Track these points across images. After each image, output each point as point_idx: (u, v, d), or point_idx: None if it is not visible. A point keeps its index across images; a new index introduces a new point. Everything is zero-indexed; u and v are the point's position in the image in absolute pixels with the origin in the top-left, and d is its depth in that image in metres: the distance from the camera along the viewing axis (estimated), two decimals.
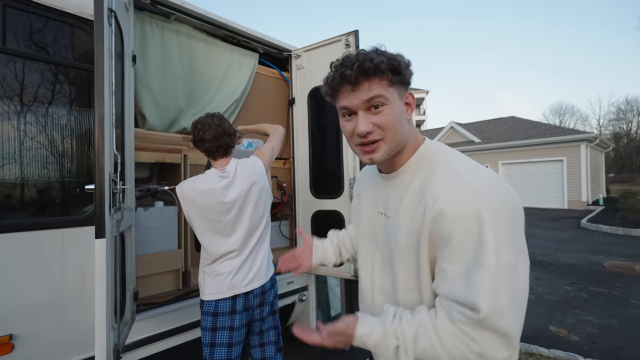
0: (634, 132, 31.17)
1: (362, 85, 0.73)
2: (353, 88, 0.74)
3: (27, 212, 1.59)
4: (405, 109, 0.78)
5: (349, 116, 0.78)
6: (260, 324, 1.70)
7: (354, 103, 0.75)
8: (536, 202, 14.20)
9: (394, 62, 0.72)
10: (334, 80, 0.76)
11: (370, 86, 0.73)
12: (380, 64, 0.71)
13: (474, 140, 16.44)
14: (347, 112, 0.78)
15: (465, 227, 0.64)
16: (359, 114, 0.75)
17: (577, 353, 2.78)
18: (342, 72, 0.73)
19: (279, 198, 2.76)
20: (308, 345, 0.82)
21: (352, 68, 0.72)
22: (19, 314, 1.49)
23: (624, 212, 9.92)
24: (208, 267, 1.62)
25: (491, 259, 0.61)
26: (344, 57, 0.76)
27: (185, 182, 1.60)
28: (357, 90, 0.74)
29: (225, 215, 1.57)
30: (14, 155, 1.54)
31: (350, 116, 0.78)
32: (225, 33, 2.52)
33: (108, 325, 1.25)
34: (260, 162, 1.74)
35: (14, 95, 1.54)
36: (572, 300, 4.14)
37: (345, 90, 0.75)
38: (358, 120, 0.75)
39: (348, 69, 0.72)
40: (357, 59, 0.72)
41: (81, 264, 1.66)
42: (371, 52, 0.74)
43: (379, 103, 0.73)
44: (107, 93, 1.28)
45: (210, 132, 1.56)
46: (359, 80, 0.72)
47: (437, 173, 0.74)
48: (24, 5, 1.55)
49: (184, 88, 2.35)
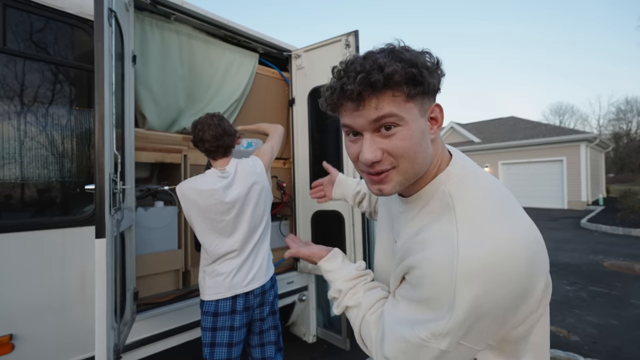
0: (634, 132, 31.18)
1: (368, 103, 0.56)
2: (357, 106, 0.57)
3: (27, 212, 1.59)
4: (428, 127, 0.61)
5: (354, 136, 0.62)
6: (261, 324, 1.70)
7: (358, 123, 0.58)
8: (536, 202, 14.20)
9: (413, 70, 0.54)
10: (333, 93, 0.59)
11: (379, 104, 0.55)
12: (392, 75, 0.53)
13: (474, 140, 16.44)
14: (352, 132, 0.62)
15: (435, 294, 0.53)
16: (365, 136, 0.59)
17: (577, 353, 2.78)
18: (342, 85, 0.56)
19: (279, 198, 2.76)
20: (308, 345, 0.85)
21: (355, 81, 0.54)
22: (19, 313, 1.50)
23: (624, 212, 9.93)
24: (208, 267, 1.62)
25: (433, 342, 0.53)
26: (347, 61, 0.59)
27: (185, 182, 1.60)
28: (363, 107, 0.57)
29: (225, 216, 1.57)
30: (14, 155, 1.55)
31: (355, 136, 0.62)
32: (225, 33, 2.52)
33: (108, 325, 1.25)
34: (260, 162, 1.74)
35: (14, 95, 1.54)
36: (572, 300, 4.14)
37: (348, 107, 0.59)
38: (363, 144, 0.59)
39: (350, 83, 0.55)
40: (363, 67, 0.54)
41: (81, 264, 1.66)
42: (382, 56, 0.55)
43: (392, 124, 0.56)
44: (107, 93, 1.28)
45: (210, 132, 1.56)
46: (363, 96, 0.55)
47: (439, 223, 0.58)
48: (24, 5, 1.55)
49: (184, 88, 2.35)
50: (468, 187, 0.60)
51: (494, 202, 0.57)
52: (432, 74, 0.57)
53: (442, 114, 0.62)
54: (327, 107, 0.63)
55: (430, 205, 0.62)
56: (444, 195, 0.60)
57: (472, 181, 0.61)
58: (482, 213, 0.55)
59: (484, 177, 0.62)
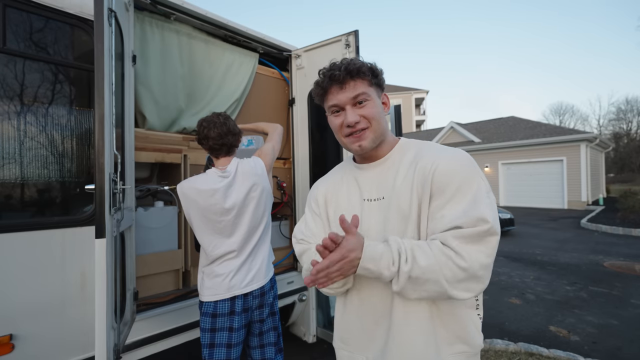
0: (634, 132, 31.15)
1: (348, 84, 0.87)
2: (341, 87, 0.87)
3: (27, 212, 1.59)
4: (382, 107, 0.93)
5: (337, 112, 0.91)
6: (260, 326, 1.70)
7: (342, 100, 0.88)
8: (536, 202, 14.20)
9: (372, 67, 0.89)
10: (324, 81, 0.89)
11: (356, 85, 0.87)
12: (362, 67, 0.87)
13: (474, 140, 16.43)
14: (336, 109, 0.90)
15: (462, 176, 0.81)
16: (347, 108, 0.88)
17: (577, 353, 2.78)
18: (331, 74, 0.86)
19: (279, 198, 2.76)
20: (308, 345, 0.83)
21: (340, 70, 0.85)
22: (20, 313, 1.49)
23: (624, 212, 9.93)
24: (207, 267, 1.62)
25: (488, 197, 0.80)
26: (330, 64, 0.89)
27: (186, 182, 1.60)
28: (344, 88, 0.87)
29: (224, 216, 1.57)
30: (14, 155, 1.54)
31: (338, 112, 0.90)
32: (225, 33, 2.52)
33: (108, 325, 1.25)
34: (262, 163, 1.74)
35: (14, 95, 1.54)
36: (572, 300, 4.14)
37: (334, 89, 0.88)
38: (346, 113, 0.88)
39: (336, 71, 0.86)
40: (342, 63, 0.87)
41: (81, 264, 1.66)
42: (353, 59, 0.89)
43: (363, 99, 0.87)
44: (107, 93, 1.28)
45: (215, 130, 1.56)
46: (346, 80, 0.86)
47: (424, 150, 0.90)
48: (24, 5, 1.55)
49: (184, 88, 2.35)
50: (421, 141, 0.96)
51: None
52: (381, 74, 0.91)
53: (388, 101, 0.96)
54: (318, 93, 0.92)
55: (408, 150, 0.93)
56: (413, 143, 0.95)
57: (420, 141, 0.97)
58: (439, 144, 0.93)
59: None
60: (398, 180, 0.89)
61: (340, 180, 1.02)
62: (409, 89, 31.46)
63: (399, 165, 0.91)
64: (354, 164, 1.00)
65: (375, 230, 0.89)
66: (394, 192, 0.88)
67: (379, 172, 0.94)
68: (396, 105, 2.63)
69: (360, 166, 0.98)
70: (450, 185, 0.80)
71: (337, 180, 1.03)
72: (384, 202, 0.90)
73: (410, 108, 30.90)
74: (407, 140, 0.97)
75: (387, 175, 0.92)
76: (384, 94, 0.95)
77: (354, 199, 0.95)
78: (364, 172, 0.96)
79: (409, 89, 31.46)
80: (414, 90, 31.26)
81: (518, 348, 2.84)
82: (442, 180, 0.81)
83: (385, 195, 0.90)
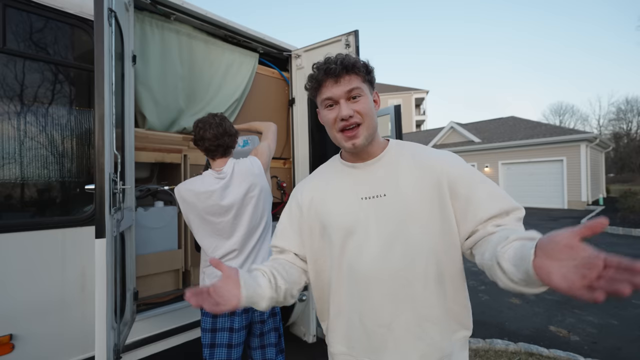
0: (634, 132, 31.14)
1: (343, 79, 0.86)
2: (336, 80, 0.87)
3: (27, 212, 1.59)
4: (374, 104, 0.93)
5: (331, 107, 0.90)
6: (261, 326, 1.69)
7: (336, 93, 0.87)
8: (536, 202, 14.19)
9: (366, 63, 0.90)
10: (318, 74, 0.88)
11: (351, 79, 0.87)
12: (356, 63, 0.87)
13: (474, 140, 16.43)
14: (330, 103, 0.89)
15: (466, 172, 0.88)
16: (341, 102, 0.87)
17: (577, 353, 2.78)
18: (326, 68, 0.86)
19: (278, 198, 2.76)
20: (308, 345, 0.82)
21: (336, 64, 0.86)
22: (19, 313, 1.50)
23: (624, 212, 9.92)
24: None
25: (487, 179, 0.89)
26: (325, 58, 0.90)
27: (182, 185, 1.59)
28: (339, 82, 0.87)
29: (223, 217, 1.57)
30: (14, 155, 1.55)
31: (332, 106, 0.89)
32: (225, 33, 2.52)
33: (108, 325, 1.25)
34: (259, 162, 1.73)
35: (14, 95, 1.54)
36: (572, 300, 4.14)
37: (329, 83, 0.88)
38: (341, 107, 0.87)
39: (332, 65, 0.86)
40: (338, 58, 0.87)
41: (81, 264, 1.66)
42: (348, 55, 0.90)
43: (357, 94, 0.87)
44: (107, 93, 1.28)
45: (210, 131, 1.56)
46: (341, 74, 0.86)
47: (419, 150, 0.95)
48: (24, 5, 1.55)
49: (184, 88, 2.35)
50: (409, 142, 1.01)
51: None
52: (373, 72, 0.93)
53: (379, 99, 0.96)
54: (312, 86, 0.91)
55: (402, 150, 0.96)
56: (404, 144, 0.99)
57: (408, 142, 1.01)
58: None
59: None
60: (402, 179, 0.89)
61: (329, 181, 0.99)
62: (409, 89, 31.48)
63: (397, 164, 0.92)
64: (344, 163, 0.98)
65: (375, 228, 0.89)
66: (399, 191, 0.88)
67: (375, 170, 0.93)
68: (396, 105, 2.63)
69: (353, 165, 0.96)
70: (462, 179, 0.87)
71: (325, 181, 1.00)
72: (386, 200, 0.89)
73: (410, 108, 30.92)
74: (398, 141, 0.99)
75: (387, 174, 0.91)
76: (375, 92, 0.95)
77: (349, 198, 0.93)
78: (359, 170, 0.95)
79: (409, 89, 31.48)
80: (414, 90, 31.27)
81: (518, 348, 2.84)
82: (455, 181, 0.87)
83: (387, 192, 0.89)
